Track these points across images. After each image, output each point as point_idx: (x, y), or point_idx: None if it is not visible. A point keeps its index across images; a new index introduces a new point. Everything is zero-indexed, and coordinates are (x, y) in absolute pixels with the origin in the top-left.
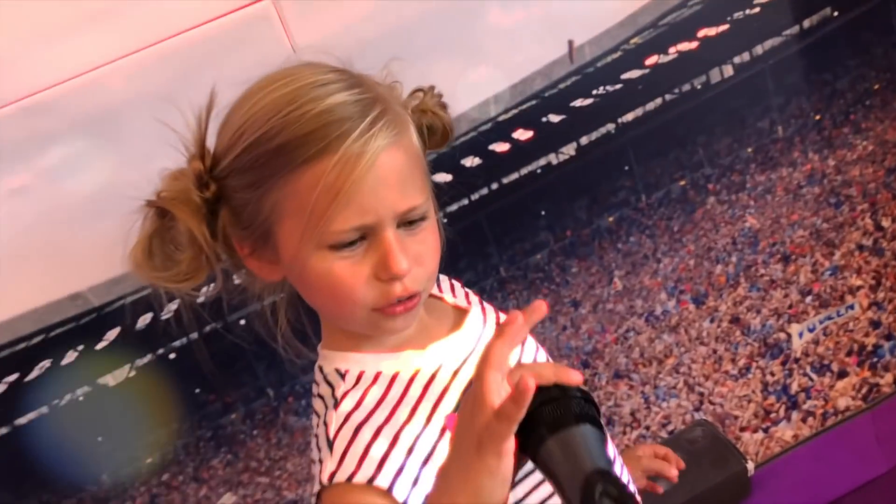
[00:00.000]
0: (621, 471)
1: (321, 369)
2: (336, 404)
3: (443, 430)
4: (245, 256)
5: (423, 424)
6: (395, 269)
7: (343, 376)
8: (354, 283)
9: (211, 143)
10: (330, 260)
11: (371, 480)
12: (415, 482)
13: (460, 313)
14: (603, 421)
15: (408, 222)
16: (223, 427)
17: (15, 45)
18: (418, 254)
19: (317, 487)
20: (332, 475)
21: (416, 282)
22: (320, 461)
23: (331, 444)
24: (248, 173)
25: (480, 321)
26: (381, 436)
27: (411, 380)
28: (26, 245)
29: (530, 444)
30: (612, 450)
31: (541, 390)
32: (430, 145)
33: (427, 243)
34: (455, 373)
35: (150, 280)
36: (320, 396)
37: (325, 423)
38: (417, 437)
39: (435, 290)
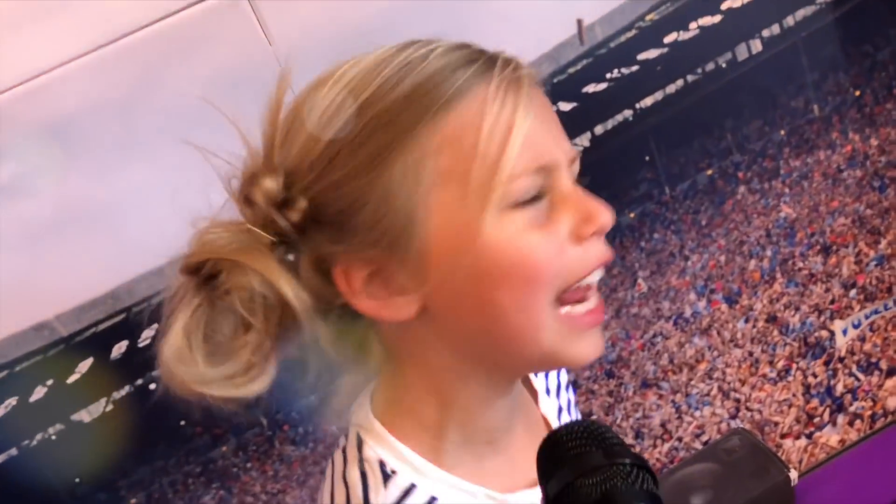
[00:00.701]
0: None
1: (360, 445)
2: None
3: None
4: (357, 293)
5: None
6: (603, 217)
7: (386, 478)
8: (556, 254)
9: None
10: (521, 226)
11: None
12: None
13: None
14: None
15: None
16: (213, 461)
17: None
18: None
19: None
20: None
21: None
22: None
23: None
24: (363, 148)
25: None
26: None
27: None
28: None
29: None
30: None
31: (580, 455)
32: None
33: None
34: None
35: (205, 389)
36: (344, 482)
37: None
38: None
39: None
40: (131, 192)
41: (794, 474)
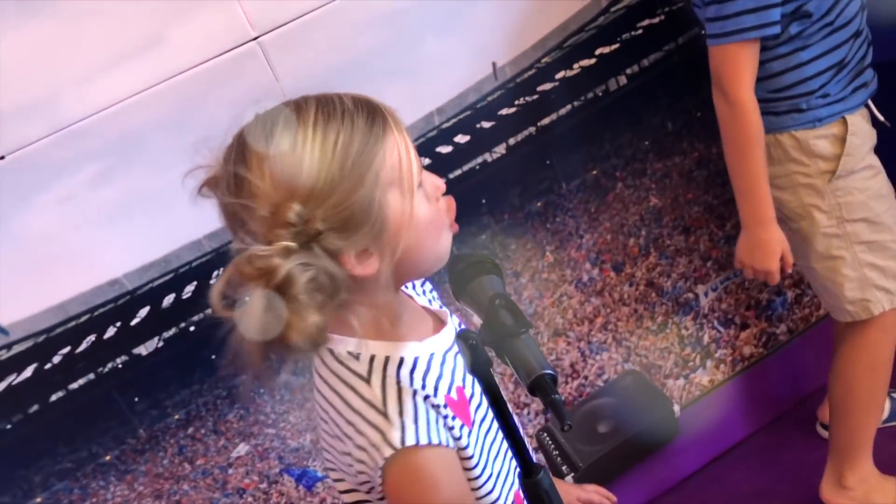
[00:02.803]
0: None
1: (355, 355)
2: (382, 380)
3: (445, 407)
4: (353, 266)
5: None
6: (441, 187)
7: (371, 360)
8: (437, 212)
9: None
10: (423, 204)
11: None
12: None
13: (433, 316)
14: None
15: None
16: (236, 387)
17: (58, 84)
18: None
19: (386, 453)
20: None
21: None
22: (378, 430)
23: (392, 413)
24: (345, 184)
25: (454, 324)
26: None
27: (414, 366)
28: (74, 241)
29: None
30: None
31: (467, 259)
32: None
33: None
34: (441, 364)
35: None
36: (354, 375)
37: (382, 399)
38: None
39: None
40: (178, 184)
41: (676, 407)
